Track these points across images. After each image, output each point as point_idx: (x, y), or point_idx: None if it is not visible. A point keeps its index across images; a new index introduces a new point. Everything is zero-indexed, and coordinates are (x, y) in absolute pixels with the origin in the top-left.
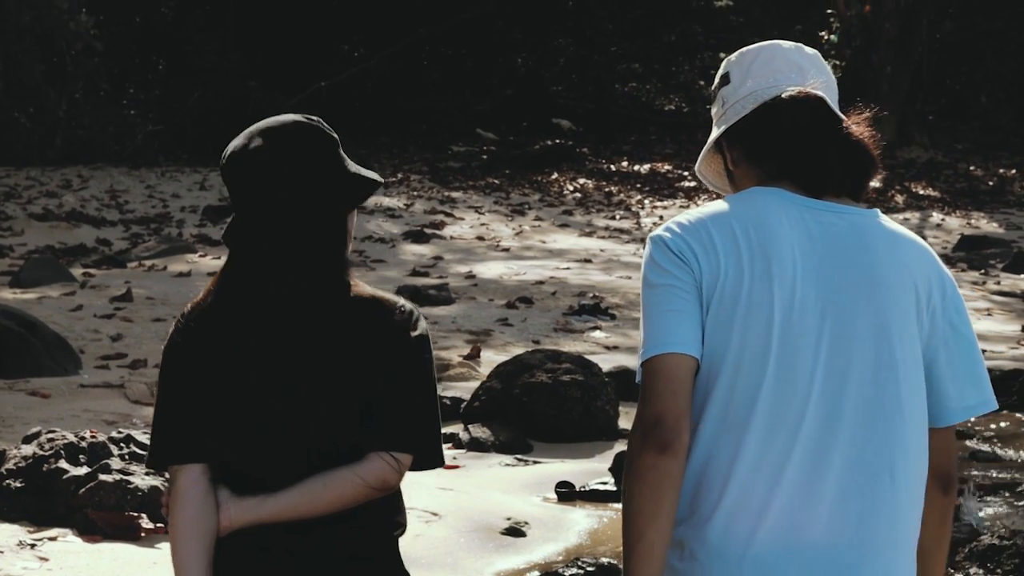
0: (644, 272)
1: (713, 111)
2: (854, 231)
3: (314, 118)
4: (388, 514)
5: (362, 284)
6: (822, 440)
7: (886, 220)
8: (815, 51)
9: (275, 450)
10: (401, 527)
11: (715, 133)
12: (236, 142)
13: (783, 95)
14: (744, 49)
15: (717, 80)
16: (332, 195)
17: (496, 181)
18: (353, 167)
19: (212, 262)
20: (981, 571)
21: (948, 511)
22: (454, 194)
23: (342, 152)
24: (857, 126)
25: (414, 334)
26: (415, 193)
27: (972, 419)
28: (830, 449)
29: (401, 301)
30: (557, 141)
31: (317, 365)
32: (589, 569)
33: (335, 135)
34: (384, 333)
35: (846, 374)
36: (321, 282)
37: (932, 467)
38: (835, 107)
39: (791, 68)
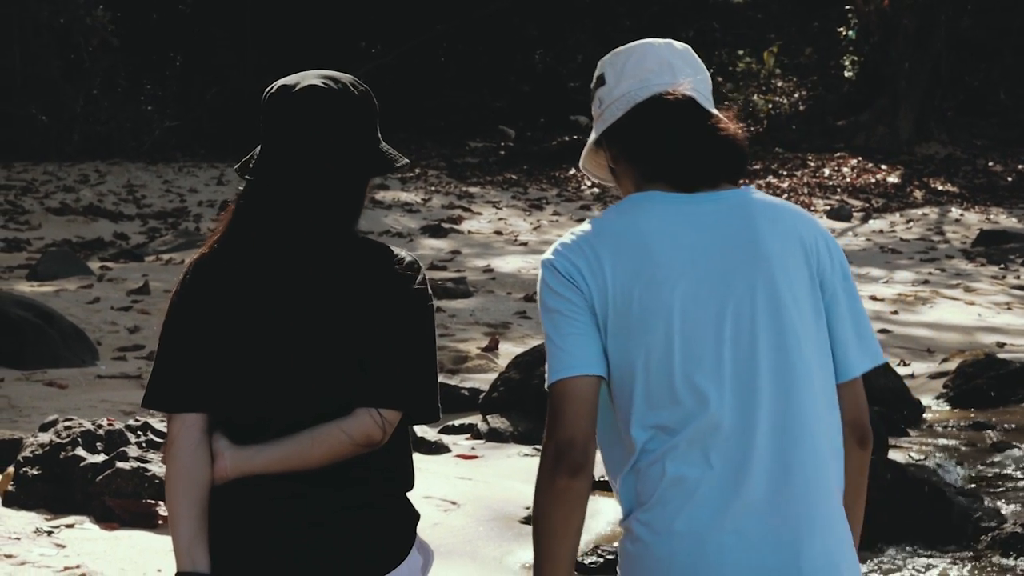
0: (540, 296)
1: (592, 110)
2: (734, 212)
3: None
4: (392, 468)
5: (367, 237)
6: (744, 417)
7: (762, 195)
8: (686, 47)
9: (273, 400)
10: (408, 482)
11: (594, 134)
12: (289, 78)
13: (653, 96)
14: (618, 49)
15: (594, 80)
16: (364, 157)
17: (514, 176)
18: (383, 144)
19: None
20: (1003, 559)
21: (865, 463)
22: (472, 189)
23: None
24: (726, 121)
25: (414, 286)
26: (433, 188)
27: (991, 415)
28: (753, 423)
29: (404, 253)
30: (575, 137)
31: (318, 316)
32: (609, 558)
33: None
34: (385, 284)
35: (753, 349)
36: (331, 232)
37: (847, 421)
38: (706, 103)
39: (663, 67)
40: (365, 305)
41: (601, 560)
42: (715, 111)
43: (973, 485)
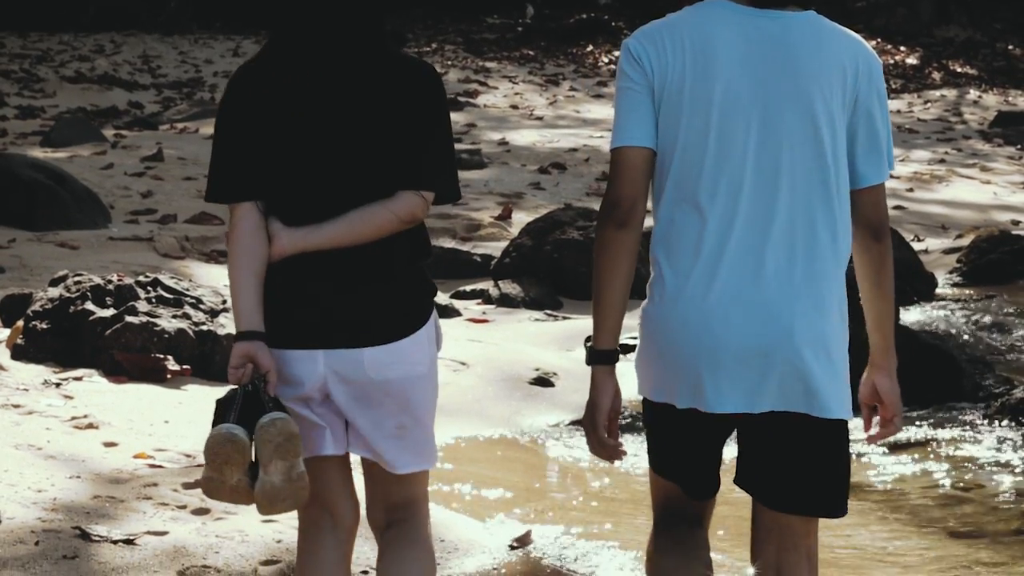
0: (617, 75)
1: None
2: (785, 31)
3: None
4: (414, 243)
5: (392, 48)
6: (762, 207)
7: (823, 20)
8: None
9: (320, 187)
10: (427, 253)
11: None
12: None
13: None
14: None
15: None
16: None
17: (531, 52)
18: None
19: None
20: (1012, 423)
21: (884, 254)
22: (488, 64)
23: None
24: None
25: (436, 88)
26: (449, 63)
27: (1003, 289)
28: (770, 215)
29: (423, 60)
30: (593, 15)
31: (357, 111)
32: None
33: None
34: (413, 86)
35: (777, 149)
36: (363, 37)
37: (864, 220)
38: None
39: None
40: (398, 101)
41: None
42: None
43: (984, 354)
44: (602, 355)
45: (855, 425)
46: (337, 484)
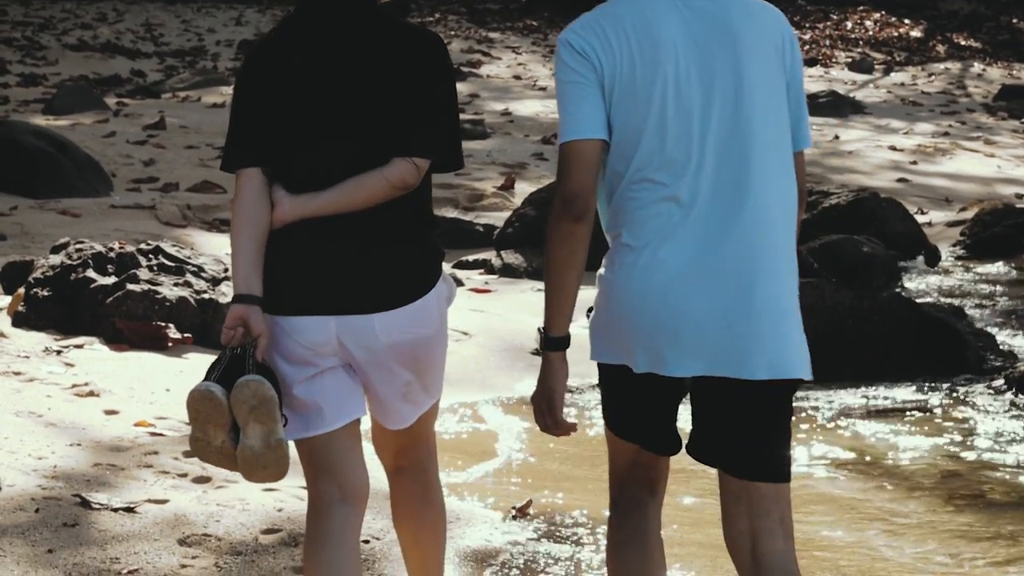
0: (556, 71)
1: None
2: (722, 9)
3: None
4: (420, 210)
5: (397, 18)
6: (719, 177)
7: None
8: None
9: (326, 157)
10: (433, 222)
11: None
12: None
13: None
14: None
15: None
16: None
17: (534, 23)
18: None
19: None
20: (1015, 396)
21: (799, 219)
22: (492, 35)
23: None
24: None
25: (439, 56)
26: (452, 33)
27: (1007, 261)
28: (728, 183)
29: (428, 30)
30: None
31: (358, 83)
32: None
33: None
34: (414, 53)
35: (732, 122)
36: (368, 8)
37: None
38: None
39: None
40: (397, 71)
41: None
42: None
43: (988, 327)
44: (558, 342)
45: (861, 399)
46: (347, 453)
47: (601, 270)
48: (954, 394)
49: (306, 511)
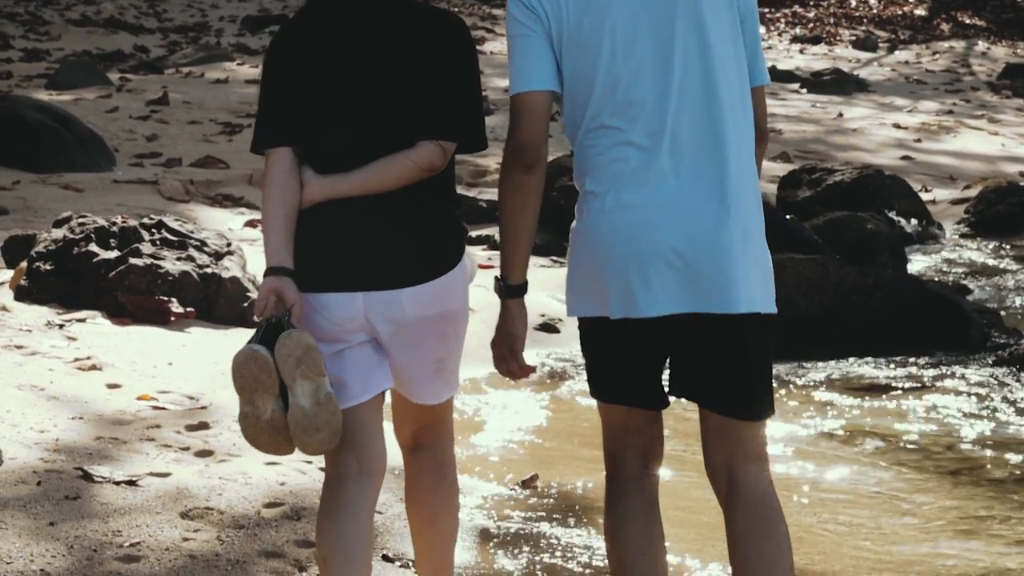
0: (507, 25)
1: None
2: None
3: None
4: (445, 190)
5: (424, 2)
6: (677, 117)
7: None
8: None
9: (352, 139)
10: (457, 202)
11: None
12: None
13: None
14: None
15: None
16: None
17: None
18: None
19: (250, 70)
20: (1019, 372)
21: (760, 159)
22: (496, 11)
23: None
24: None
25: (463, 39)
26: (456, 9)
27: (1011, 239)
28: (686, 122)
29: (452, 13)
30: None
31: (385, 64)
32: None
33: None
34: (440, 37)
35: (684, 64)
36: None
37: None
38: None
39: None
40: (423, 54)
41: None
42: None
43: (991, 304)
44: (515, 289)
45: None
46: (369, 427)
47: (572, 223)
48: (958, 371)
49: (316, 484)
